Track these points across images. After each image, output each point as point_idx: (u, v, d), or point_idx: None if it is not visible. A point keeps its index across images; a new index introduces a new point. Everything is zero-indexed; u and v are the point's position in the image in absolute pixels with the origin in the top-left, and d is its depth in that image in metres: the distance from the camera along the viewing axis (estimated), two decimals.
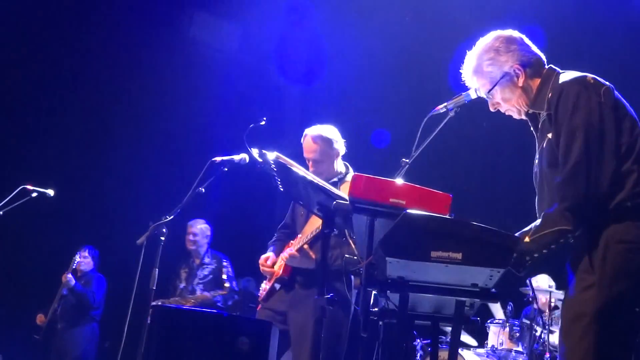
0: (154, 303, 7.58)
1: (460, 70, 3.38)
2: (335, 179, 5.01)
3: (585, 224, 2.96)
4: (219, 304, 7.75)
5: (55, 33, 9.56)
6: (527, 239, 2.99)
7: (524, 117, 3.29)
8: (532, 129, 3.28)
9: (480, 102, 3.47)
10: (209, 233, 8.30)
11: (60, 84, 9.61)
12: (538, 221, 3.06)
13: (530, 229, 3.05)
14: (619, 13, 8.17)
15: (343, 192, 3.25)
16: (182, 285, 8.01)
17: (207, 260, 8.14)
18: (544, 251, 2.98)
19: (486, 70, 3.27)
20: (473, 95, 3.42)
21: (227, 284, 7.86)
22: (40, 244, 9.40)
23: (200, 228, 8.24)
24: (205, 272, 8.05)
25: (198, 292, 7.87)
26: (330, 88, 10.07)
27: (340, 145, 5.14)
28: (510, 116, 3.38)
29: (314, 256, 4.89)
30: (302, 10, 10.30)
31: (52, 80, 9.63)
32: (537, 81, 3.23)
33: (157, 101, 9.96)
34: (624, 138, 2.98)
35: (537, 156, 3.22)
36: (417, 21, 9.34)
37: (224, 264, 8.08)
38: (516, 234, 3.02)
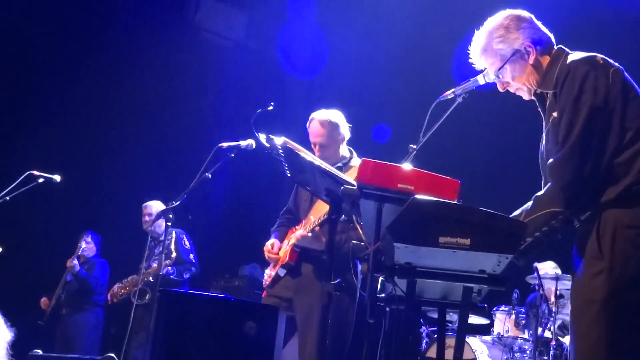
0: (115, 286, 7.54)
1: (468, 50, 3.34)
2: (340, 164, 5.01)
3: (577, 205, 2.94)
4: (172, 277, 7.50)
5: (59, 20, 9.55)
6: None
7: (533, 97, 3.26)
8: (539, 109, 3.26)
9: (488, 87, 3.45)
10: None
11: (66, 70, 9.61)
12: (529, 204, 3.05)
13: (522, 212, 3.04)
14: (625, 5, 8.14)
15: (348, 176, 3.24)
16: (141, 265, 7.84)
17: (162, 238, 7.60)
18: (536, 234, 2.98)
19: (496, 47, 3.23)
20: (481, 81, 3.38)
21: (174, 254, 7.52)
22: (47, 229, 9.42)
23: (156, 209, 7.94)
24: (161, 248, 7.46)
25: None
26: (334, 80, 10.05)
27: (345, 130, 5.14)
28: (518, 100, 3.36)
29: (324, 239, 4.88)
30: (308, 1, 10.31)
31: (58, 66, 9.64)
32: (547, 60, 3.19)
33: (164, 87, 9.97)
34: (630, 121, 2.94)
35: (543, 137, 3.20)
36: (421, 14, 9.30)
37: (181, 236, 7.79)
38: None
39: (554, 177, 2.96)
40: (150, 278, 7.45)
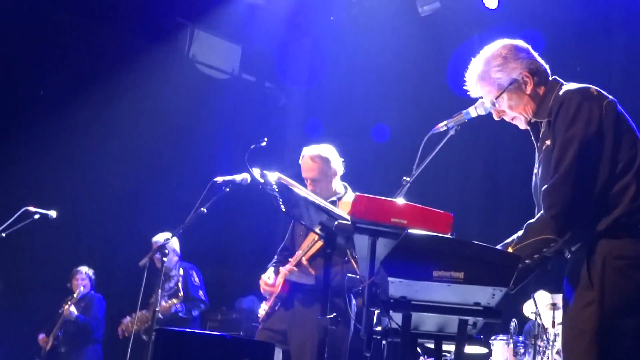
0: (125, 320, 7.51)
1: (465, 78, 3.35)
2: (333, 198, 5.02)
3: (569, 234, 2.95)
4: (180, 314, 7.45)
5: (54, 54, 9.59)
6: (509, 250, 3.00)
7: (528, 126, 3.28)
8: (533, 138, 3.28)
9: (480, 119, 3.47)
10: (176, 247, 7.87)
11: (61, 105, 9.62)
12: (520, 232, 3.07)
13: (514, 239, 3.06)
14: (617, 19, 8.19)
15: (342, 211, 3.25)
16: (152, 300, 7.82)
17: (174, 272, 7.75)
18: (528, 261, 3.01)
19: (494, 76, 3.25)
20: (473, 114, 3.41)
21: (181, 293, 7.46)
22: (43, 265, 9.39)
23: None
24: (171, 284, 7.68)
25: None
26: (329, 101, 10.11)
27: (337, 165, 5.16)
28: (510, 131, 3.38)
29: (313, 272, 4.89)
30: (301, 23, 10.39)
31: (52, 101, 9.65)
32: (543, 90, 3.22)
33: (159, 120, 9.99)
34: (622, 153, 2.97)
35: (536, 166, 3.22)
36: (416, 24, 9.37)
37: (190, 272, 7.75)
38: (498, 246, 3.03)
39: (545, 205, 2.98)
40: (160, 315, 7.33)
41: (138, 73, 9.86)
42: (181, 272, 7.65)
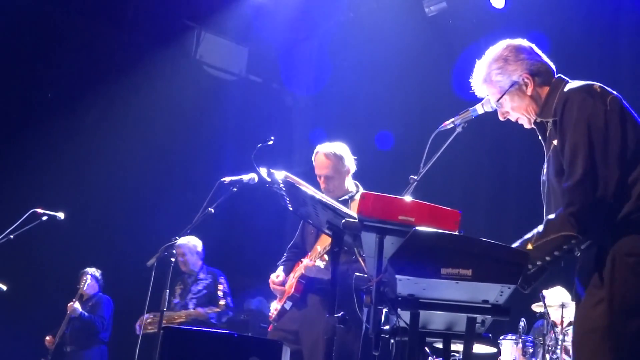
0: (145, 316, 7.59)
1: (470, 80, 3.35)
2: (345, 197, 5.03)
3: (590, 230, 2.93)
4: (212, 321, 7.54)
5: (62, 55, 9.62)
6: (529, 247, 2.97)
7: (534, 126, 3.27)
8: (540, 138, 3.27)
9: (487, 117, 3.46)
10: (199, 249, 7.94)
11: (69, 106, 9.65)
12: (540, 227, 3.03)
13: (533, 235, 3.02)
14: (624, 19, 8.16)
15: (352, 210, 3.24)
16: (176, 300, 7.81)
17: (202, 276, 7.86)
18: (547, 258, 2.97)
19: (495, 79, 3.25)
20: (480, 111, 3.41)
21: (222, 302, 7.62)
22: (51, 267, 9.42)
23: (187, 247, 7.89)
24: (200, 287, 7.78)
25: (191, 307, 7.65)
26: (336, 101, 10.11)
27: (351, 163, 5.17)
28: (518, 129, 3.37)
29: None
30: (308, 25, 10.40)
31: (60, 102, 9.68)
32: (546, 90, 3.21)
33: (166, 121, 10.00)
34: (629, 147, 2.95)
35: (544, 165, 3.21)
36: (421, 27, 9.37)
37: (220, 280, 7.84)
38: (517, 242, 3.01)
39: (564, 202, 2.95)
40: (190, 319, 7.49)
41: (146, 75, 9.89)
42: (220, 279, 7.84)
